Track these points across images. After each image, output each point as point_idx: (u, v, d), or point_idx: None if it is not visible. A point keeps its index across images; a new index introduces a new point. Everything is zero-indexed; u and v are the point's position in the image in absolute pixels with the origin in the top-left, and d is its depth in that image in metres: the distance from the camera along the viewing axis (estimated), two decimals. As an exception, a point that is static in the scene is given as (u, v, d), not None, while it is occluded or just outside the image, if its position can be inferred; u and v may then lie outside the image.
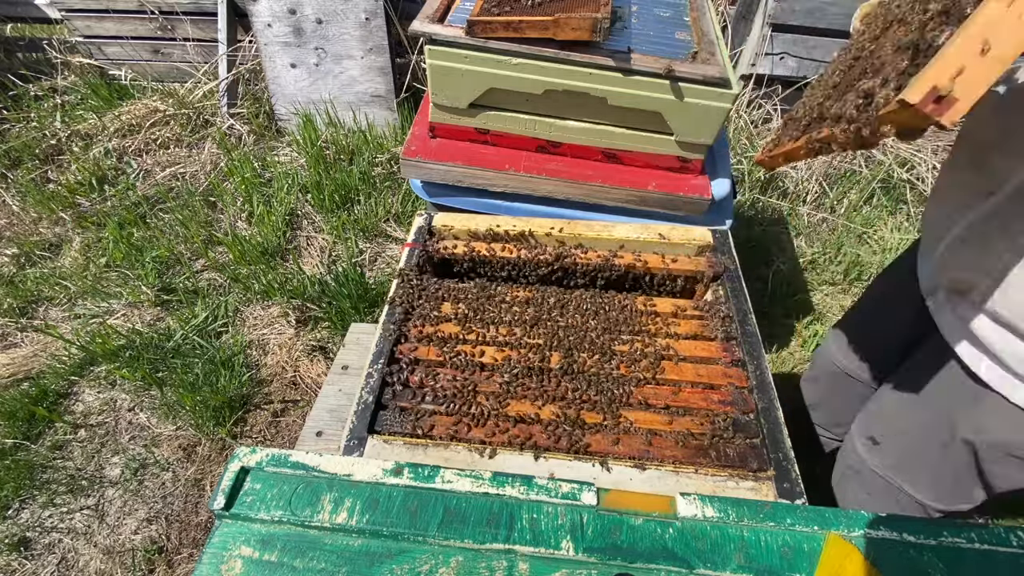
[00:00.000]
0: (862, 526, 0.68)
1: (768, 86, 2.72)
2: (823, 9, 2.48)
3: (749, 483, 0.82)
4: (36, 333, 2.03)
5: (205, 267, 2.28)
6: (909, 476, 1.07)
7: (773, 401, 0.92)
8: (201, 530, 1.60)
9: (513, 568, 0.64)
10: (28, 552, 1.54)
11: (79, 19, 2.93)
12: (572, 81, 1.19)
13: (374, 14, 2.57)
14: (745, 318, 1.06)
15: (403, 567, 0.64)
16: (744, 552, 0.65)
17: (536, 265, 1.17)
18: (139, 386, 1.89)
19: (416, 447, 0.84)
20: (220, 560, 0.64)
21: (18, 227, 2.42)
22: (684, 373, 0.97)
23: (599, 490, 0.71)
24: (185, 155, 2.76)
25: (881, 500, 1.13)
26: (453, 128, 1.35)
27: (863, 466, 1.14)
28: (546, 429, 0.87)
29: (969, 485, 1.00)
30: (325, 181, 2.50)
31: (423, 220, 1.24)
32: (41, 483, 1.67)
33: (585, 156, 1.36)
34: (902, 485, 1.08)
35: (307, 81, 2.75)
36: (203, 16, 2.89)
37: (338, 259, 2.32)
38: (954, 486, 1.01)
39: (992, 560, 0.66)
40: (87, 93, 3.00)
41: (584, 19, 1.07)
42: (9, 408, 1.77)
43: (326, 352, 2.01)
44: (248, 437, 1.80)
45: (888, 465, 1.09)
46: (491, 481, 0.71)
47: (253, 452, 0.73)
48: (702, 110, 1.21)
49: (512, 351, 0.99)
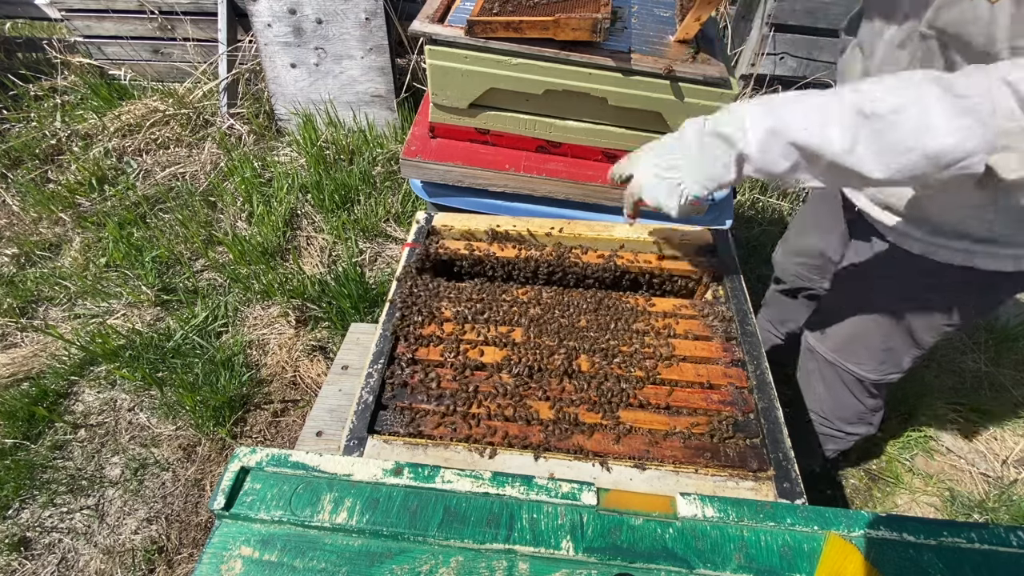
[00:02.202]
0: (862, 526, 0.68)
1: (768, 86, 2.72)
2: (823, 9, 2.48)
3: (749, 483, 0.82)
4: (36, 333, 2.03)
5: (205, 267, 2.29)
6: (852, 356, 1.29)
7: (773, 401, 0.92)
8: (201, 530, 1.60)
9: (513, 568, 0.64)
10: (28, 552, 1.54)
11: (79, 19, 2.93)
12: (572, 81, 1.19)
13: (374, 14, 2.57)
14: (745, 318, 1.06)
15: (403, 567, 0.64)
16: (744, 552, 0.66)
17: (536, 265, 1.17)
18: (139, 386, 1.89)
19: (416, 447, 0.84)
20: (220, 560, 0.64)
21: (18, 227, 2.42)
22: (684, 373, 0.97)
23: (599, 490, 0.71)
24: (185, 155, 2.76)
25: (833, 387, 1.37)
26: (453, 128, 1.35)
27: (816, 356, 1.37)
28: (546, 429, 0.87)
29: (900, 355, 1.22)
30: (325, 181, 2.50)
31: (423, 220, 1.24)
32: (41, 483, 1.67)
33: (585, 156, 1.36)
34: (846, 364, 1.30)
35: (307, 81, 2.75)
36: (203, 16, 2.89)
37: (338, 259, 2.32)
38: (887, 357, 1.23)
39: (992, 560, 0.66)
40: (87, 93, 3.00)
41: (584, 19, 1.07)
42: (9, 408, 1.77)
43: (326, 352, 2.01)
44: (248, 437, 1.80)
45: (833, 349, 1.32)
46: (491, 481, 0.71)
47: (253, 452, 0.73)
48: (702, 110, 1.20)
49: (512, 351, 0.99)
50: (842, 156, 0.72)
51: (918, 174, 0.71)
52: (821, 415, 1.46)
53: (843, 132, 0.72)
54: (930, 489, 1.78)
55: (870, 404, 1.37)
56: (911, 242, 1.04)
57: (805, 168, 0.78)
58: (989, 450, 1.88)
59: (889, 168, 0.71)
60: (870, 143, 0.71)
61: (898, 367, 1.25)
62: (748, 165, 0.81)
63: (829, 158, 0.74)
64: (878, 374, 1.28)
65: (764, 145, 0.77)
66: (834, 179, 0.78)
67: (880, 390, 1.35)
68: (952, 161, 0.68)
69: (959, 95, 0.67)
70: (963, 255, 0.98)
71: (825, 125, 0.73)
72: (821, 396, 1.43)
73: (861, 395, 1.35)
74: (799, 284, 1.59)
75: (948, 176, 0.70)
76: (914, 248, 1.04)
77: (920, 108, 0.68)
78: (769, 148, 0.77)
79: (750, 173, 0.82)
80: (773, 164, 0.78)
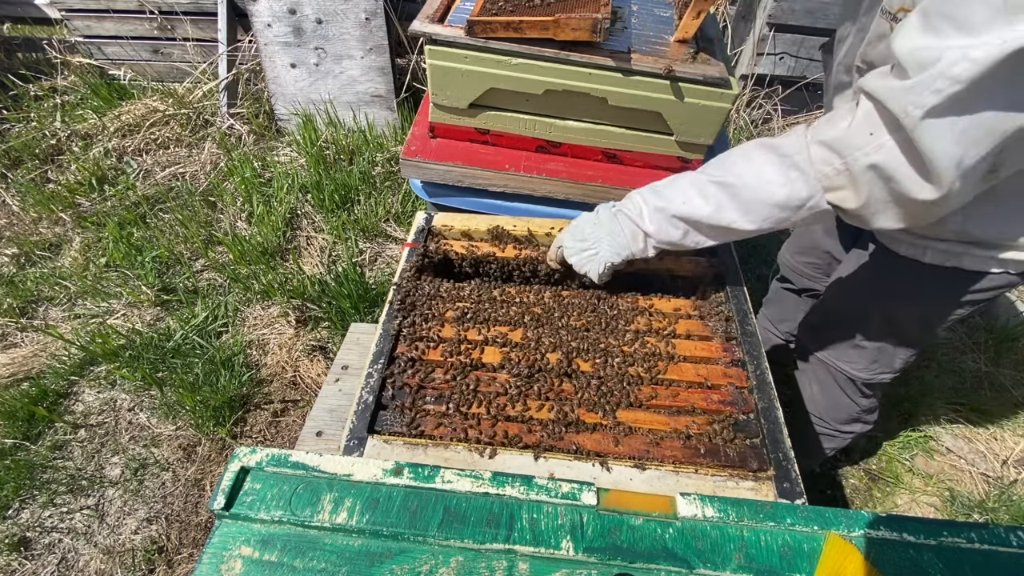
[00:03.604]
0: (862, 526, 0.68)
1: (768, 86, 2.72)
2: (823, 9, 2.48)
3: (749, 483, 0.82)
4: (36, 333, 2.03)
5: (205, 267, 2.29)
6: (844, 356, 1.31)
7: (773, 401, 0.92)
8: (201, 530, 1.60)
9: (513, 568, 0.64)
10: (28, 552, 1.54)
11: (79, 19, 2.93)
12: (572, 81, 1.19)
13: (374, 14, 2.57)
14: (745, 318, 1.07)
15: (403, 567, 0.64)
16: (744, 552, 0.65)
17: (536, 265, 1.17)
18: (139, 386, 1.89)
19: (416, 447, 0.84)
20: (220, 560, 0.64)
21: (18, 227, 2.42)
22: (684, 373, 0.97)
23: (599, 490, 0.71)
24: (185, 155, 2.76)
25: (827, 387, 1.40)
26: (453, 128, 1.35)
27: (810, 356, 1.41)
28: (546, 429, 0.87)
29: (891, 355, 1.23)
30: (325, 181, 2.50)
31: (423, 220, 1.24)
32: (41, 483, 1.67)
33: (585, 156, 1.36)
34: (838, 364, 1.33)
35: (307, 81, 2.75)
36: (203, 16, 2.88)
37: (338, 259, 2.32)
38: (879, 357, 1.25)
39: (992, 560, 0.66)
40: (87, 93, 3.00)
41: (584, 19, 1.07)
42: (9, 408, 1.77)
43: (326, 352, 2.01)
44: (248, 437, 1.80)
45: (826, 349, 1.35)
46: (491, 481, 0.71)
47: (253, 452, 0.73)
48: (702, 110, 1.21)
49: (512, 351, 0.98)
50: (714, 217, 0.91)
51: (780, 219, 0.88)
52: (816, 414, 1.47)
53: (706, 200, 0.91)
54: (930, 489, 1.78)
55: (864, 404, 1.38)
56: (899, 244, 1.06)
57: (694, 232, 0.96)
58: (989, 450, 1.88)
59: (755, 219, 0.89)
60: (733, 204, 0.89)
61: (890, 367, 1.26)
62: (651, 239, 0.99)
63: (706, 221, 0.92)
64: (869, 373, 1.28)
65: (655, 220, 0.96)
66: (720, 236, 0.96)
67: (873, 390, 1.35)
68: (798, 205, 0.86)
69: (784, 155, 0.85)
70: (949, 256, 1.00)
71: (694, 197, 0.92)
72: (816, 396, 1.44)
73: (854, 395, 1.36)
74: (805, 284, 1.60)
75: (806, 215, 0.87)
76: (901, 250, 1.06)
77: (755, 170, 0.87)
78: (659, 222, 0.96)
79: (655, 245, 0.99)
80: (668, 234, 0.96)
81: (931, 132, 0.68)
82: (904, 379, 1.34)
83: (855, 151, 0.77)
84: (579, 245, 1.04)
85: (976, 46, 0.60)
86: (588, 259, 1.03)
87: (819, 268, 1.52)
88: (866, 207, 0.81)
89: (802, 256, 1.57)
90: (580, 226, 1.05)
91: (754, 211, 0.88)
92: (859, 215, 0.83)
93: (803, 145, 0.84)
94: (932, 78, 0.65)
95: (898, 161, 0.74)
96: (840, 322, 1.29)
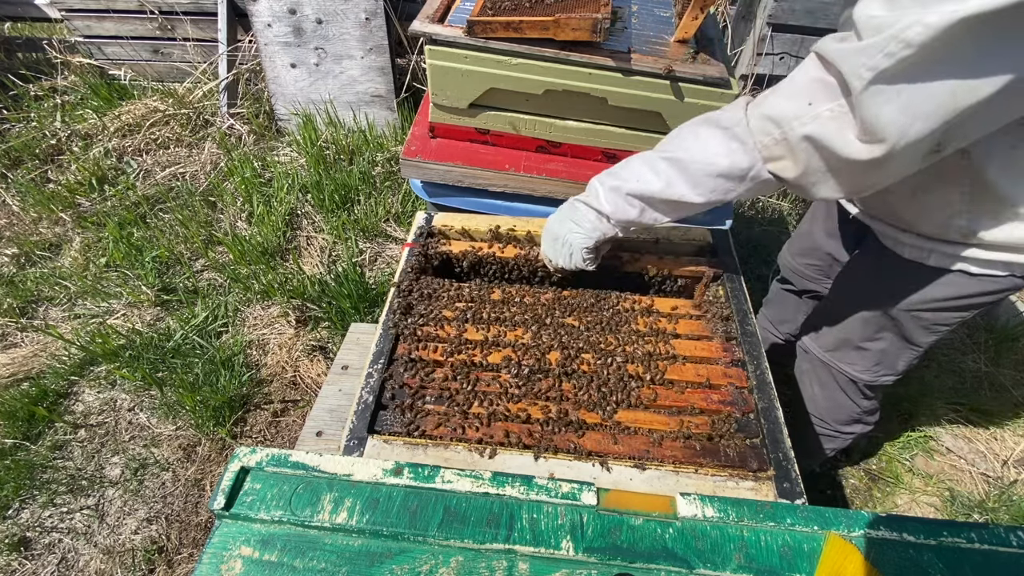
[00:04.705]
0: (862, 526, 0.68)
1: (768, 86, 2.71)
2: (823, 9, 2.48)
3: (749, 483, 0.82)
4: (36, 333, 2.03)
5: (205, 267, 2.28)
6: (846, 357, 1.31)
7: (773, 401, 0.92)
8: (201, 530, 1.60)
9: (513, 568, 0.64)
10: (28, 552, 1.54)
11: (79, 19, 2.93)
12: (572, 81, 1.19)
13: (374, 14, 2.57)
14: (745, 318, 1.07)
15: (403, 567, 0.64)
16: (744, 552, 0.65)
17: (536, 265, 1.17)
18: (139, 386, 1.89)
19: (416, 447, 0.84)
20: (220, 560, 0.64)
21: (18, 227, 2.42)
22: (684, 373, 0.97)
23: (599, 490, 0.71)
24: (185, 155, 2.76)
25: (828, 388, 1.39)
26: (453, 128, 1.35)
27: (811, 356, 1.40)
28: (546, 429, 0.87)
29: (894, 357, 1.23)
30: (325, 181, 2.50)
31: (423, 220, 1.24)
32: (41, 483, 1.67)
33: (585, 156, 1.36)
34: (839, 365, 1.32)
35: (307, 81, 2.75)
36: (203, 16, 2.88)
37: (338, 259, 2.32)
38: (881, 358, 1.25)
39: (992, 560, 0.66)
40: (87, 93, 3.00)
41: (584, 19, 1.07)
42: (9, 408, 1.77)
43: (326, 352, 2.01)
44: (248, 437, 1.80)
45: (827, 350, 1.35)
46: (491, 481, 0.71)
47: (253, 452, 0.73)
48: (702, 110, 1.20)
49: (512, 351, 0.98)
50: (665, 192, 0.93)
51: (727, 189, 0.90)
52: (817, 415, 1.47)
53: (657, 176, 0.93)
54: (930, 489, 1.78)
55: (865, 405, 1.37)
56: (903, 247, 1.06)
57: (650, 210, 0.98)
58: (989, 450, 1.88)
59: (703, 191, 0.91)
60: (682, 178, 0.91)
61: (892, 369, 1.26)
62: (611, 219, 1.00)
63: (658, 196, 0.94)
64: (871, 375, 1.28)
65: (611, 200, 0.99)
66: (673, 212, 0.98)
67: (875, 391, 1.35)
68: (740, 175, 0.87)
69: (725, 127, 0.88)
70: (954, 259, 1.00)
71: (646, 173, 0.95)
72: (816, 396, 1.44)
73: (855, 396, 1.35)
74: (805, 285, 1.60)
75: (750, 185, 0.89)
76: (905, 253, 1.06)
77: (701, 144, 0.90)
78: (615, 201, 0.98)
79: (615, 224, 1.01)
80: (625, 212, 0.98)
81: (878, 97, 0.68)
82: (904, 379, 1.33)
83: (792, 120, 0.78)
84: (554, 245, 1.08)
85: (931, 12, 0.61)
86: (565, 254, 1.07)
87: (820, 270, 1.52)
88: (804, 176, 0.82)
89: (803, 258, 1.57)
90: (550, 227, 1.10)
91: (701, 183, 0.90)
92: (799, 184, 0.85)
93: (743, 116, 0.86)
94: (885, 40, 0.65)
95: (832, 130, 0.74)
96: (843, 324, 1.28)
